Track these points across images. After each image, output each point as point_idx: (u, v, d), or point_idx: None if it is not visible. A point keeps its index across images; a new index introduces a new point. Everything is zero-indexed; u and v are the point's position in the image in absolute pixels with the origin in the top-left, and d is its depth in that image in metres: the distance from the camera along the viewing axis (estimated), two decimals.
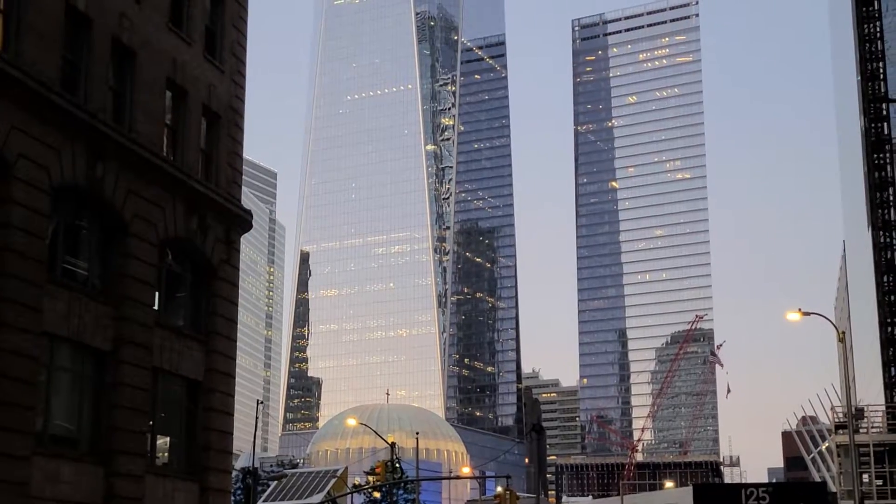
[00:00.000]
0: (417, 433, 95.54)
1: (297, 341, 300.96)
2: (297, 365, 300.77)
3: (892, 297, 46.06)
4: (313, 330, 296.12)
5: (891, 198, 45.94)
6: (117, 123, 29.59)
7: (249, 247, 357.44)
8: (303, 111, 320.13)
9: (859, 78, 48.87)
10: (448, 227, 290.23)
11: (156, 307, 31.03)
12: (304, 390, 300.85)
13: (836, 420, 65.99)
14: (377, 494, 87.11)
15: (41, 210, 26.13)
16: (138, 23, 30.79)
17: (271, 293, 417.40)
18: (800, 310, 46.81)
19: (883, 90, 44.25)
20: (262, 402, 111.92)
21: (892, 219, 46.78)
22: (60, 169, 26.95)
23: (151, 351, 30.17)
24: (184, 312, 33.31)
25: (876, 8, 44.50)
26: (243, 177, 38.11)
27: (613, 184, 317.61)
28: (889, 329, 46.69)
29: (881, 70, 44.76)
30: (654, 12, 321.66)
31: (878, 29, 44.34)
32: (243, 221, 35.73)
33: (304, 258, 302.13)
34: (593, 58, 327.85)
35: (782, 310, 45.17)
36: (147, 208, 30.40)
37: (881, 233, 47.50)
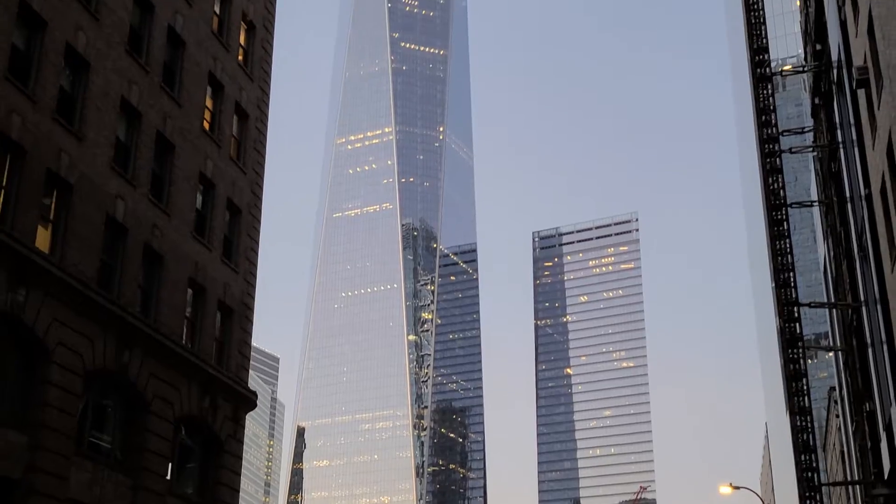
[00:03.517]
0: None
1: None
2: None
3: (809, 474, 45.60)
4: (307, 497, 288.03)
5: (804, 387, 45.97)
6: (144, 316, 29.59)
7: (253, 422, 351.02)
8: (304, 305, 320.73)
9: (773, 285, 49.75)
10: (426, 407, 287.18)
11: (168, 477, 30.30)
12: None
13: None
14: None
15: (74, 391, 25.82)
16: (167, 232, 31.20)
17: (270, 463, 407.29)
18: (731, 483, 46.17)
19: (794, 296, 44.78)
20: None
21: (807, 405, 46.67)
22: (93, 355, 26.79)
23: None
24: (192, 481, 32.51)
25: (786, 228, 45.59)
26: (250, 361, 37.85)
27: (568, 370, 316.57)
28: (808, 502, 46.08)
29: (792, 279, 45.45)
30: (602, 227, 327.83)
31: (788, 245, 45.29)
32: (249, 401, 35.34)
33: (301, 432, 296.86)
34: (550, 263, 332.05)
35: (716, 483, 44.63)
36: (166, 390, 30.08)
37: (797, 417, 47.26)
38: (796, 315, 44.34)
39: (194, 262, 32.67)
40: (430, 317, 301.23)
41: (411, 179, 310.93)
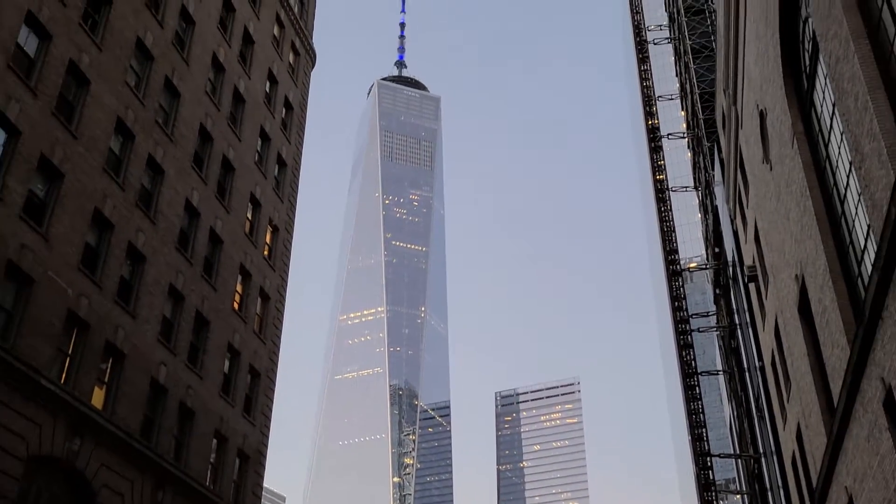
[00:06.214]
0: None
1: None
2: None
3: None
4: None
5: None
6: (176, 461, 28.66)
7: None
8: (307, 450, 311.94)
9: (689, 438, 49.24)
10: None
11: None
12: None
13: None
14: None
15: None
16: (199, 391, 30.67)
17: None
18: None
19: (707, 448, 44.23)
20: None
21: None
22: (132, 496, 25.72)
23: None
24: None
25: (698, 392, 45.53)
26: (261, 500, 36.42)
27: None
28: None
29: (705, 434, 44.99)
30: (551, 388, 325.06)
31: (700, 406, 45.10)
32: None
33: None
34: (510, 418, 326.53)
35: None
36: None
37: None
38: (709, 464, 43.62)
39: (220, 416, 31.97)
40: (411, 462, 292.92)
41: (398, 349, 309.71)
